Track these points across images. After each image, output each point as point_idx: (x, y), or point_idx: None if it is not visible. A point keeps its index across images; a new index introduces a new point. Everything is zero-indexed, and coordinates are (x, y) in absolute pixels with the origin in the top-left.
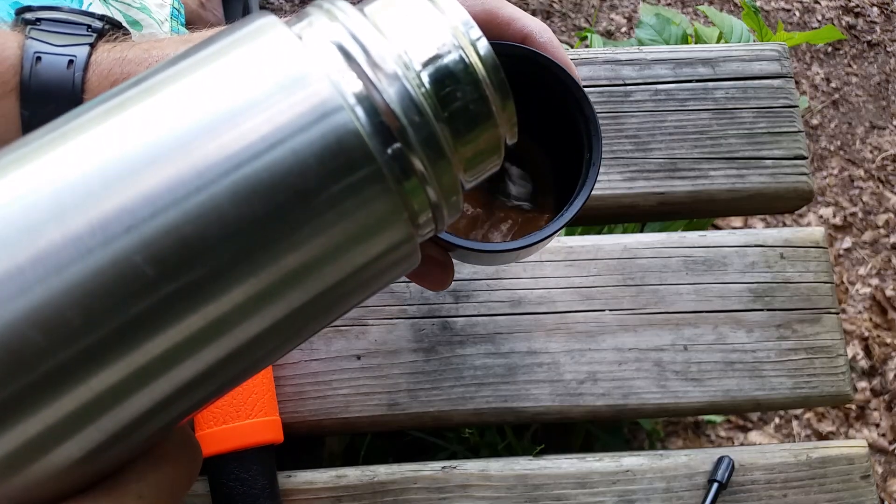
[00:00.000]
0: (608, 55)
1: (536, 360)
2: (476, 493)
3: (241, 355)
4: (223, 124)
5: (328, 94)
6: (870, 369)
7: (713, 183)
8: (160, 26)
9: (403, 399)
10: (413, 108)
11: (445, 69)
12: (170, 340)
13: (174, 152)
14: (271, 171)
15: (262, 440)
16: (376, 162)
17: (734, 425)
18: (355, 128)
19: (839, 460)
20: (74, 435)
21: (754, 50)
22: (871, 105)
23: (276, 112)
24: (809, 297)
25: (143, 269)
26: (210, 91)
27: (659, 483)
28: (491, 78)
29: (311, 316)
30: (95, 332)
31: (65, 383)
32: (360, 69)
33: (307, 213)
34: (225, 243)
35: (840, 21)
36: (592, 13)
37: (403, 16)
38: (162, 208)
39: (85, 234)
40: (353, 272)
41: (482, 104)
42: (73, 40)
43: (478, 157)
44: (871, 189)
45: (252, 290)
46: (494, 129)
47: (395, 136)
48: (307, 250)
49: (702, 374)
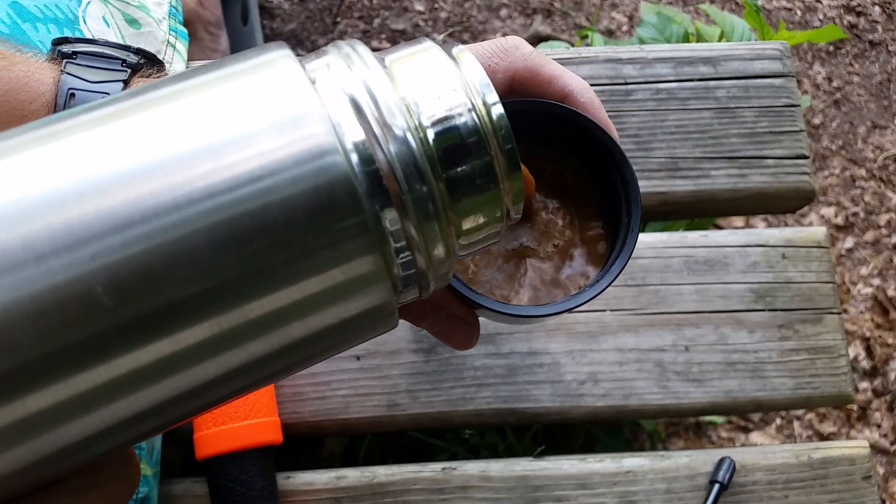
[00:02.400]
0: (609, 54)
1: (537, 361)
2: (476, 495)
3: (189, 397)
4: (211, 153)
5: (327, 140)
6: (871, 370)
7: (714, 182)
8: (158, 25)
9: (403, 400)
10: (414, 172)
11: (454, 132)
12: (117, 371)
13: (153, 176)
14: (253, 212)
15: (261, 441)
16: (365, 218)
17: (735, 426)
18: (349, 178)
19: (841, 461)
20: (3, 450)
21: (756, 49)
22: (872, 105)
23: (269, 149)
24: (811, 297)
25: (101, 299)
26: (204, 116)
27: (660, 484)
28: (501, 146)
29: (270, 368)
30: (39, 350)
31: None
32: (368, 124)
33: (285, 262)
34: (191, 283)
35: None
36: (593, 12)
37: (422, 71)
38: (132, 240)
39: (48, 253)
40: (321, 330)
41: (487, 172)
42: (108, 76)
43: (476, 229)
44: (873, 189)
45: (209, 334)
46: (497, 201)
47: (390, 196)
48: (276, 301)
49: (703, 374)
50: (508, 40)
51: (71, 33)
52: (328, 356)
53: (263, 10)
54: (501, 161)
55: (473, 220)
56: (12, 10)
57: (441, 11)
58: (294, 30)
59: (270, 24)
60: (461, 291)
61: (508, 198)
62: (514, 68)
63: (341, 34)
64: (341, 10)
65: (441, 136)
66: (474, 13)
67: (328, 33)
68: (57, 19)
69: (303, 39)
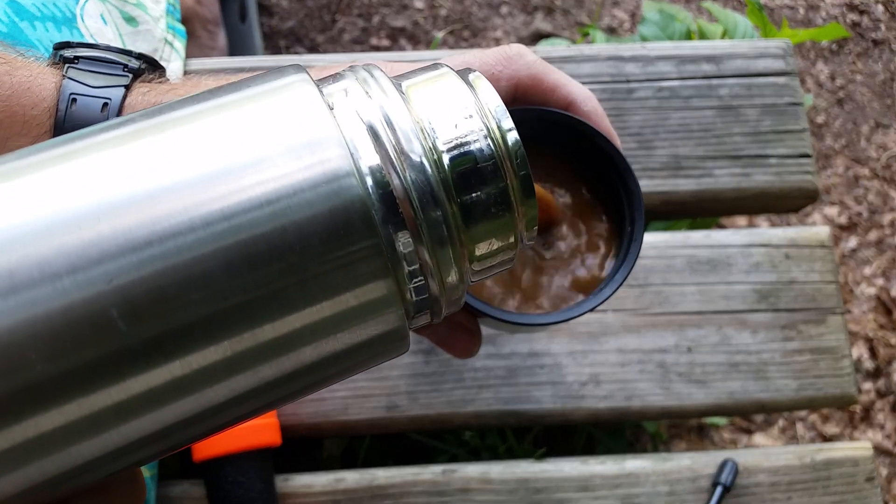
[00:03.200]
0: (611, 52)
1: (538, 362)
2: (477, 497)
3: (200, 420)
4: (227, 176)
5: (343, 165)
6: (875, 370)
7: (717, 182)
8: (156, 23)
9: (403, 401)
10: (429, 197)
11: (469, 157)
12: (128, 392)
13: (169, 198)
14: (268, 236)
15: (260, 443)
16: (379, 242)
17: (738, 428)
18: (364, 202)
19: (844, 462)
20: (8, 471)
21: (759, 47)
22: (876, 103)
23: (285, 173)
24: (814, 297)
25: (115, 320)
26: (221, 138)
27: (662, 486)
28: (516, 172)
29: (281, 392)
30: (50, 371)
31: (7, 418)
32: (385, 150)
33: (299, 286)
34: (205, 306)
35: (844, 18)
36: (595, 9)
37: (438, 96)
38: (147, 261)
39: (62, 273)
40: (333, 355)
41: (502, 198)
42: (109, 81)
43: (489, 254)
44: (877, 188)
45: (221, 357)
46: (511, 226)
47: (404, 221)
48: (289, 324)
49: (706, 375)
50: (512, 48)
51: (69, 31)
52: (339, 380)
53: (261, 8)
54: (516, 187)
55: (487, 246)
56: (10, 9)
57: (441, 9)
58: (293, 27)
59: (269, 22)
60: None
61: (522, 224)
62: (517, 76)
63: (340, 32)
64: (340, 7)
65: (456, 162)
66: (474, 10)
67: (327, 31)
68: (55, 17)
69: (301, 37)
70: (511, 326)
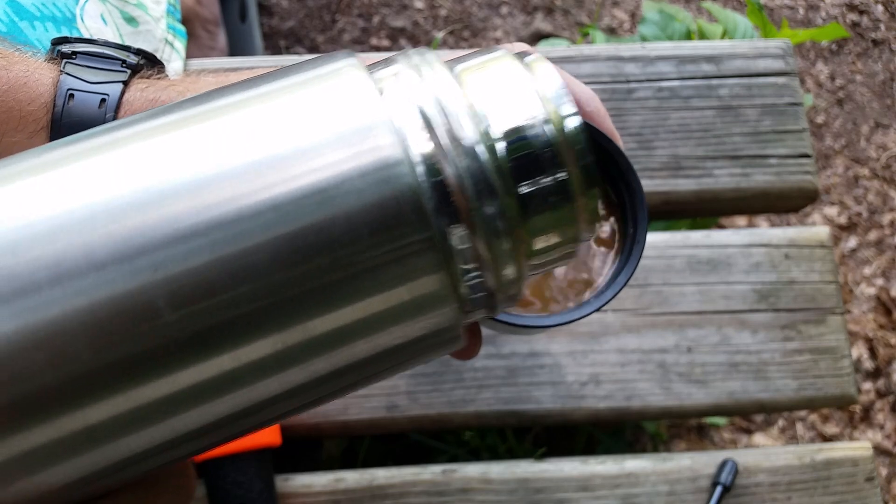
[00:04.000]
0: (611, 52)
1: (538, 362)
2: (477, 497)
3: (249, 414)
4: (276, 165)
5: (394, 153)
6: (874, 370)
7: (717, 182)
8: (156, 23)
9: (402, 401)
10: (483, 187)
11: (527, 145)
12: (175, 386)
13: (217, 187)
14: (318, 226)
15: (260, 443)
16: (432, 235)
17: (738, 428)
18: (416, 193)
19: (843, 462)
20: (59, 462)
21: (759, 47)
22: (875, 103)
23: (334, 161)
24: (814, 297)
25: (162, 311)
26: (269, 126)
27: (662, 486)
28: (577, 160)
29: (333, 386)
30: (96, 362)
31: (56, 409)
32: (437, 136)
33: (349, 279)
34: (253, 299)
35: (844, 18)
36: (595, 9)
37: (493, 81)
38: (194, 251)
39: (108, 262)
40: (385, 350)
41: (562, 189)
42: (107, 77)
43: (548, 249)
44: (877, 188)
45: (271, 351)
46: (572, 219)
47: (458, 212)
48: (340, 318)
49: (706, 375)
50: (515, 47)
51: (69, 32)
52: (392, 375)
53: (262, 8)
54: (577, 177)
55: (545, 240)
56: (10, 9)
57: (441, 9)
58: (293, 27)
59: (269, 22)
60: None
61: (584, 216)
62: None
63: (340, 32)
64: (340, 7)
65: (513, 149)
66: (474, 10)
67: (327, 31)
68: (54, 17)
69: (301, 37)
70: (512, 328)
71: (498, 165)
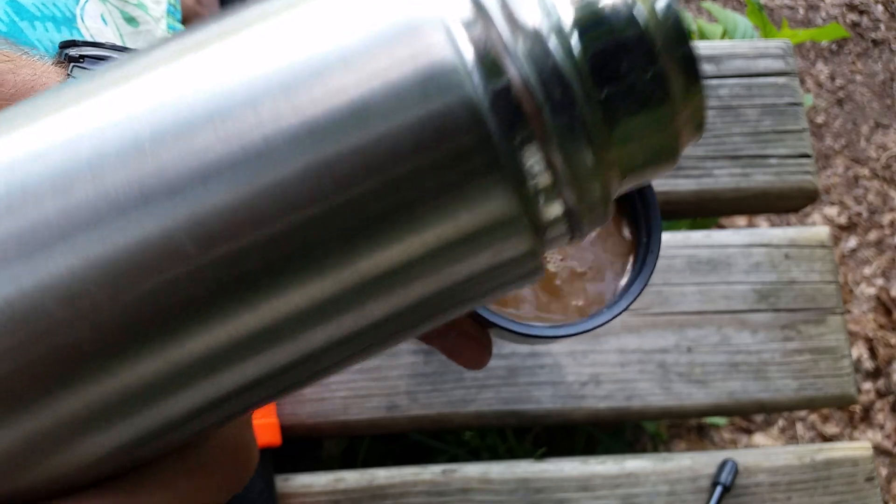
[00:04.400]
0: None
1: (538, 362)
2: (477, 497)
3: (289, 368)
4: (307, 78)
5: (444, 54)
6: (874, 371)
7: (717, 182)
8: (157, 23)
9: (402, 401)
10: (556, 86)
11: (606, 28)
12: (214, 339)
13: (243, 110)
14: (360, 149)
15: (260, 443)
16: (496, 149)
17: (738, 428)
18: (474, 103)
19: (843, 462)
20: (93, 428)
21: (759, 47)
22: (875, 104)
23: (375, 69)
24: (814, 297)
25: (187, 247)
26: (297, 32)
27: (662, 486)
28: (673, 47)
29: (388, 331)
30: (123, 312)
31: (77, 369)
32: (492, 23)
33: (400, 210)
34: (295, 237)
35: (844, 18)
36: None
37: None
38: (222, 187)
39: (122, 196)
40: (445, 287)
41: (656, 84)
42: None
43: (640, 158)
44: (877, 188)
45: (321, 295)
46: (670, 121)
47: (526, 119)
48: (389, 254)
49: (706, 375)
50: None
51: (69, 32)
52: (463, 311)
53: None
54: (672, 67)
55: (637, 147)
56: (10, 8)
57: None
58: None
59: None
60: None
61: (683, 117)
62: None
63: None
64: None
65: (589, 36)
66: None
67: None
68: (55, 17)
69: None
70: (524, 339)
71: (574, 61)
